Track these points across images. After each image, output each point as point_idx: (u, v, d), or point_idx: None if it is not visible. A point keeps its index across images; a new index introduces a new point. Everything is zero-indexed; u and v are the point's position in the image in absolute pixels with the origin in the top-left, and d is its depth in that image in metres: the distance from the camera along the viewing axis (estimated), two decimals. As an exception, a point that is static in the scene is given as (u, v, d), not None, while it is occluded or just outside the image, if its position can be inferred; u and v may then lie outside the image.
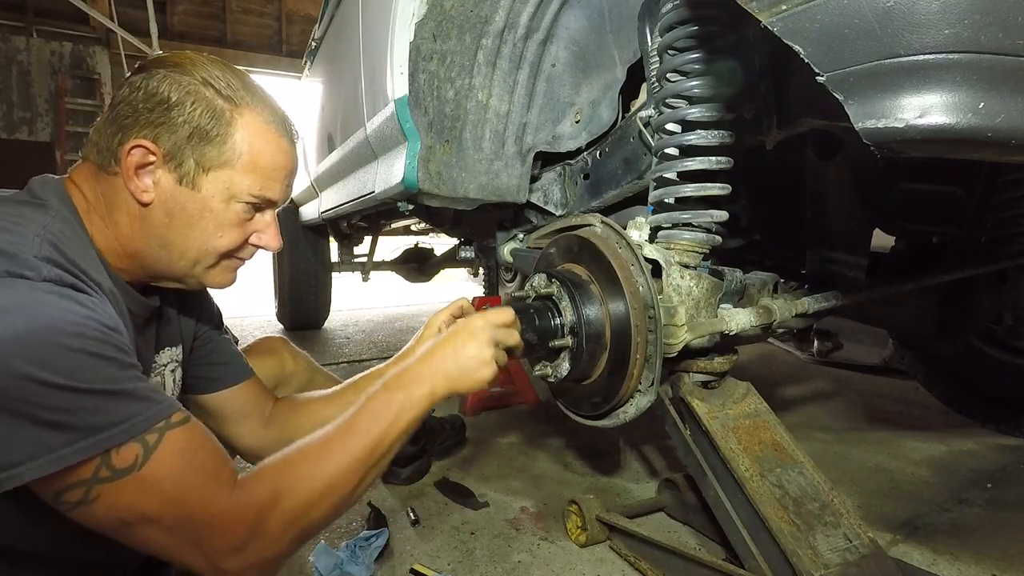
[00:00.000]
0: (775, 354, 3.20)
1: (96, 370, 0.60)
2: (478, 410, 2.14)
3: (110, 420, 0.60)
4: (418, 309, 4.97)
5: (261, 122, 0.77)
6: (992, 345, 1.93)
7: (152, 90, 0.73)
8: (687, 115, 0.96)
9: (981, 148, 0.56)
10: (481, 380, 0.83)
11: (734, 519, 0.97)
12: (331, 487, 0.70)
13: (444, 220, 2.27)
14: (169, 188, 0.74)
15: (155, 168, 0.73)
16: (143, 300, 0.81)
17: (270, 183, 0.79)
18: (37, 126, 8.00)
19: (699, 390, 1.07)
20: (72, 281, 0.64)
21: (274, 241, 0.83)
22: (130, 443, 0.61)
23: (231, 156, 0.75)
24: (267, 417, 1.05)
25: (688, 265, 1.02)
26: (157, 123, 0.72)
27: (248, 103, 0.76)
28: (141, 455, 0.61)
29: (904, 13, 0.50)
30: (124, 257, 0.77)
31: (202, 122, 0.73)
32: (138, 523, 0.62)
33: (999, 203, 1.53)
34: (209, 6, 9.48)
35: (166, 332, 0.91)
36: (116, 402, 0.61)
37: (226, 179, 0.75)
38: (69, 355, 0.58)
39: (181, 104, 0.72)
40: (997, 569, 1.23)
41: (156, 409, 0.64)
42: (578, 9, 1.39)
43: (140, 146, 0.72)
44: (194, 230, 0.76)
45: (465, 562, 1.22)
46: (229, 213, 0.77)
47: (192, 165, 0.74)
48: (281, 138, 0.79)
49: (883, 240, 1.63)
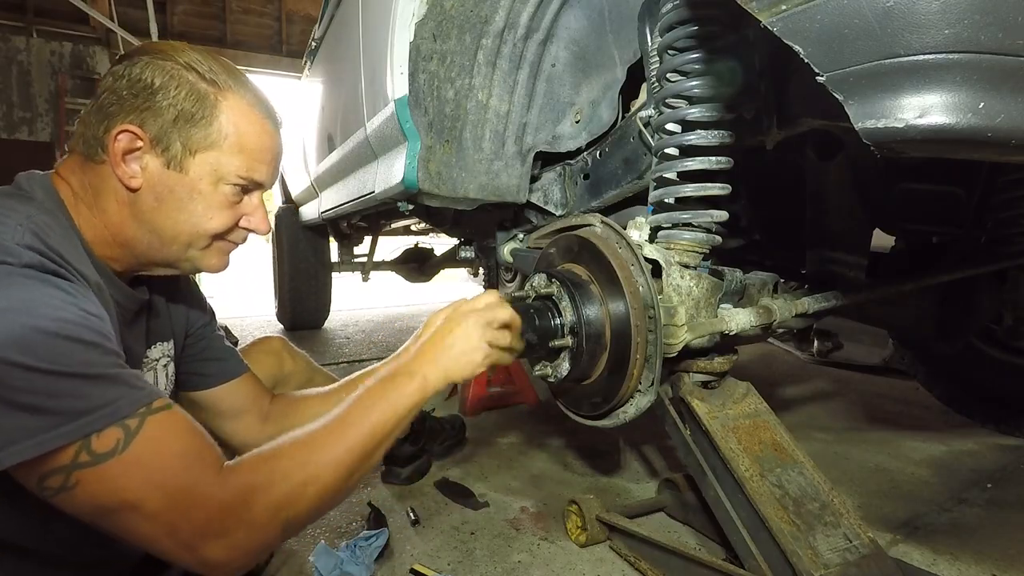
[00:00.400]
0: (775, 354, 3.21)
1: (76, 354, 0.60)
2: (478, 410, 2.14)
3: (90, 404, 0.59)
4: (418, 309, 4.97)
5: (245, 104, 0.78)
6: (992, 345, 1.93)
7: (136, 76, 0.73)
8: (687, 115, 0.96)
9: (981, 148, 0.56)
10: (473, 364, 0.82)
11: (734, 519, 0.97)
12: (319, 477, 0.69)
13: (444, 220, 2.27)
14: (157, 172, 0.74)
15: (142, 153, 0.74)
16: (131, 292, 0.81)
17: (257, 164, 0.79)
18: (37, 126, 8.00)
19: (699, 390, 1.07)
20: (54, 268, 0.63)
21: (263, 224, 0.84)
22: (111, 427, 0.60)
23: (217, 138, 0.75)
24: (264, 414, 1.05)
25: (688, 265, 1.02)
26: (142, 108, 0.73)
27: (231, 86, 0.77)
28: (122, 439, 0.61)
29: (904, 13, 0.50)
30: (114, 246, 0.77)
31: (187, 105, 0.74)
32: (120, 510, 0.61)
33: (999, 203, 1.53)
34: (209, 6, 9.48)
35: (156, 326, 0.91)
36: (96, 386, 0.60)
37: (213, 161, 0.76)
38: (48, 339, 0.58)
39: (165, 88, 0.73)
40: (997, 569, 1.23)
41: (138, 394, 0.63)
42: (578, 9, 1.39)
43: (127, 131, 0.72)
44: (183, 213, 0.76)
45: (465, 562, 1.22)
46: (218, 195, 0.77)
47: (179, 148, 0.74)
48: (265, 120, 0.80)
49: (883, 240, 1.63)
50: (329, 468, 0.70)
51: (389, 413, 0.76)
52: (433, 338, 0.84)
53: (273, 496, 0.66)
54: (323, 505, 0.71)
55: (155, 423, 0.63)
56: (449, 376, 0.81)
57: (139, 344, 0.86)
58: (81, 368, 0.60)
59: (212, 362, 1.01)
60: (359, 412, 0.75)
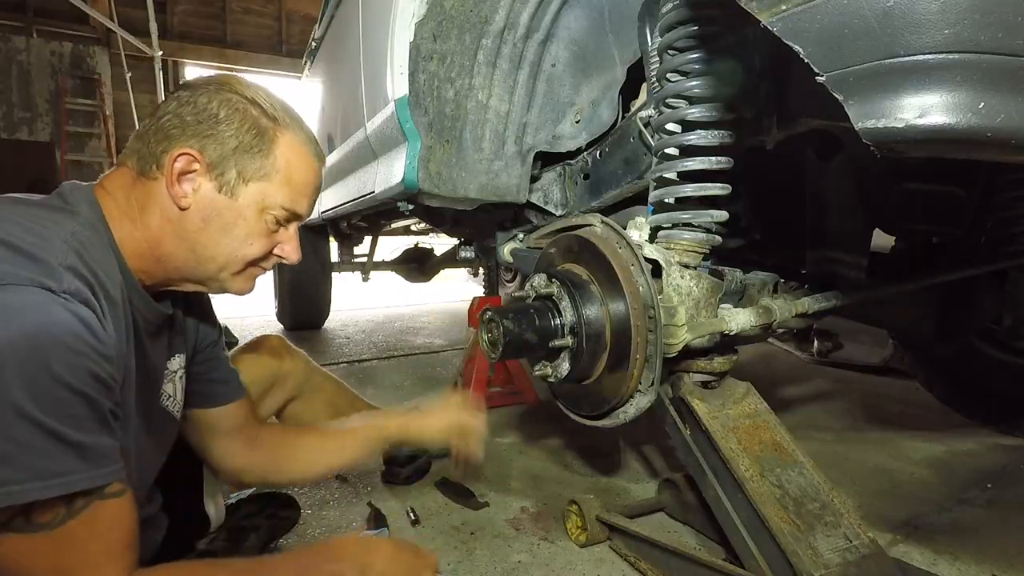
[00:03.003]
0: (775, 354, 3.21)
1: (69, 409, 0.60)
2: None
3: (52, 469, 0.59)
4: (418, 309, 4.97)
5: (298, 143, 0.83)
6: (992, 345, 1.93)
7: (202, 105, 0.78)
8: (687, 115, 0.96)
9: (981, 148, 0.56)
10: None
11: (734, 519, 0.97)
12: None
13: (444, 220, 2.27)
14: (208, 195, 0.78)
15: (197, 176, 0.78)
16: (157, 307, 0.84)
17: (300, 198, 0.84)
18: (37, 126, 7.99)
19: (699, 390, 1.07)
20: (87, 297, 0.65)
21: (294, 254, 0.88)
22: (57, 501, 0.60)
23: (270, 170, 0.80)
24: (252, 439, 1.06)
25: (688, 265, 1.01)
26: (204, 135, 0.77)
27: (288, 124, 0.82)
28: (62, 516, 0.61)
29: (904, 13, 0.50)
30: (150, 259, 0.80)
31: (247, 138, 0.78)
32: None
33: (999, 203, 1.53)
34: (209, 6, 9.48)
35: (176, 339, 0.93)
36: (67, 452, 0.60)
37: (262, 191, 0.80)
38: (54, 386, 0.59)
39: (229, 120, 0.78)
40: (997, 569, 1.23)
41: (97, 473, 0.63)
42: (578, 9, 1.39)
43: (186, 154, 0.76)
44: (226, 236, 0.80)
45: (465, 562, 1.22)
46: (260, 223, 0.81)
47: (233, 175, 0.78)
48: (313, 159, 0.86)
49: (883, 240, 1.63)
50: None
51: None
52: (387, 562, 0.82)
53: None
54: None
55: (98, 509, 0.63)
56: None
57: (161, 357, 0.88)
58: (65, 428, 0.59)
59: (218, 384, 1.03)
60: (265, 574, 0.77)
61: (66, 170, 7.91)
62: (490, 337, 1.01)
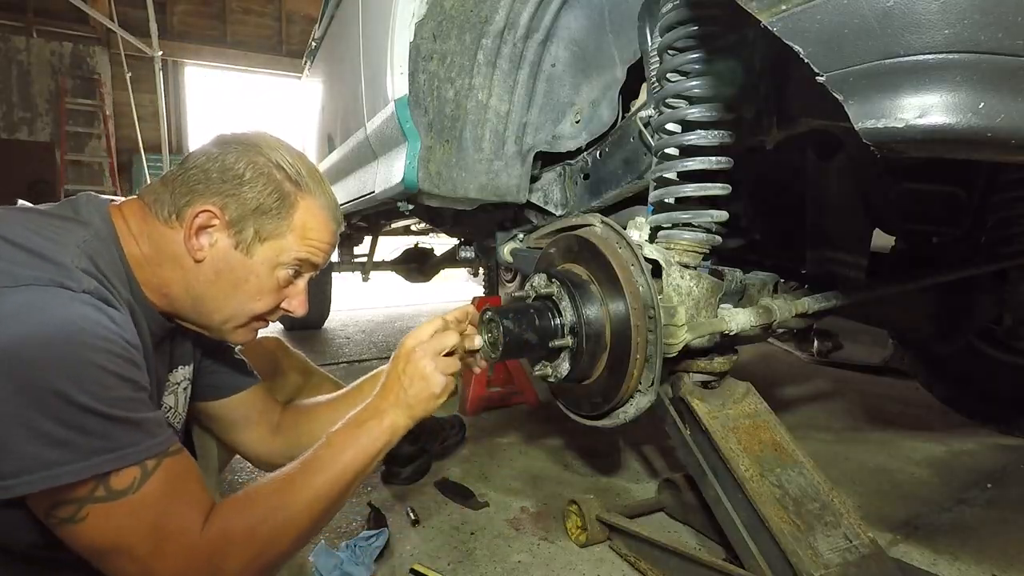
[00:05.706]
0: (775, 354, 3.21)
1: (115, 391, 0.63)
2: (478, 410, 2.14)
3: (116, 444, 0.63)
4: (418, 309, 4.97)
5: (318, 207, 0.85)
6: (992, 345, 1.93)
7: (228, 164, 0.80)
8: (687, 115, 0.96)
9: (981, 148, 0.56)
10: (433, 395, 0.85)
11: (734, 519, 0.97)
12: (292, 522, 0.73)
13: (444, 220, 2.26)
14: (224, 250, 0.80)
15: (215, 231, 0.79)
16: (162, 321, 0.85)
17: (314, 251, 0.86)
18: (37, 126, 7.99)
19: (699, 390, 1.07)
20: (106, 295, 0.68)
21: (301, 308, 0.89)
22: (131, 467, 0.64)
23: (286, 230, 0.82)
24: (274, 425, 1.08)
25: (688, 265, 1.01)
26: (227, 193, 0.79)
27: (311, 190, 0.84)
28: (138, 478, 0.65)
29: (904, 13, 0.50)
30: (157, 293, 0.82)
31: (269, 200, 0.80)
32: (113, 551, 0.64)
33: (999, 203, 1.53)
34: (209, 6, 9.48)
35: (179, 351, 0.94)
36: (124, 428, 0.64)
37: (277, 248, 0.82)
38: (96, 372, 0.62)
39: (253, 182, 0.80)
40: (997, 569, 1.23)
41: (158, 439, 0.67)
42: (578, 9, 1.38)
43: (208, 211, 0.78)
44: (236, 291, 0.82)
45: (465, 562, 1.22)
46: (271, 279, 0.83)
47: (251, 234, 0.80)
48: (331, 221, 0.88)
49: (883, 240, 1.63)
50: (302, 513, 0.74)
51: (360, 456, 0.80)
52: (391, 379, 0.87)
53: (248, 544, 0.70)
54: (295, 547, 0.76)
55: (169, 465, 0.68)
56: (414, 414, 0.85)
57: (163, 367, 0.90)
58: (116, 408, 0.63)
59: (224, 374, 1.04)
60: (330, 456, 0.79)
61: (66, 170, 7.92)
62: (490, 337, 1.01)
